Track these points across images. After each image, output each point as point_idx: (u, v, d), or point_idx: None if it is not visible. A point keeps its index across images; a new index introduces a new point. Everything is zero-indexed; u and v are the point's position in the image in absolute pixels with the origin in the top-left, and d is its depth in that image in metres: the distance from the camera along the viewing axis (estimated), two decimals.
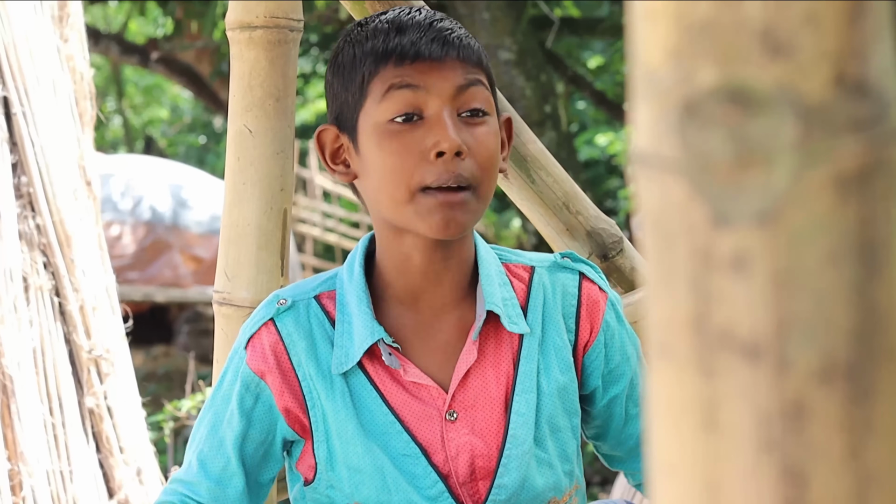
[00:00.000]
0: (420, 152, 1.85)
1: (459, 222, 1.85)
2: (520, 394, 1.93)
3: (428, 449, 1.91)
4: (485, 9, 8.60)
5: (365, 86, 1.89)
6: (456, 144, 1.83)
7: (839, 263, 0.73)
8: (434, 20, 1.92)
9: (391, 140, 1.86)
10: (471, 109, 1.88)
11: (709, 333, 0.74)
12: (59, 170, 4.11)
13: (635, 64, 0.75)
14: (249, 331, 1.95)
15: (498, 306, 1.93)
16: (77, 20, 4.23)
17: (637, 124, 0.75)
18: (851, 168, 0.73)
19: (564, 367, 1.97)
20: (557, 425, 1.96)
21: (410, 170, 1.85)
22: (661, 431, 0.76)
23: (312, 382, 1.92)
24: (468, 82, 1.88)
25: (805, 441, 0.73)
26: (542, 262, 2.02)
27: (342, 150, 1.96)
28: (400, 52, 1.88)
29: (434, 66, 1.87)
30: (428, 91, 1.86)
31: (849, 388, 0.73)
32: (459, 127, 1.86)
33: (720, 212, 0.73)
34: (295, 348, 1.92)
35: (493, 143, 1.89)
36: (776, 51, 0.72)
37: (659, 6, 0.74)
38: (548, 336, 1.97)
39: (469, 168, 1.85)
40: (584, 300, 2.00)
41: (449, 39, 1.89)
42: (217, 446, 1.95)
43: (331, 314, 1.95)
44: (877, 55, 0.74)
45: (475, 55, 1.91)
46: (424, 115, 1.86)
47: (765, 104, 0.72)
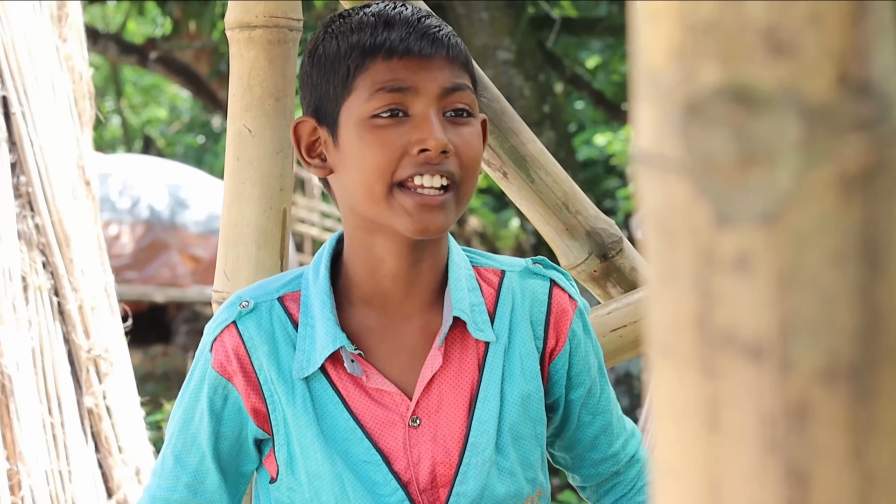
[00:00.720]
0: (402, 146, 1.82)
1: (438, 224, 1.83)
2: (482, 401, 1.91)
3: (389, 456, 1.89)
4: (483, 8, 8.60)
5: (350, 80, 1.87)
6: (442, 143, 1.81)
7: (842, 263, 0.73)
8: (421, 16, 1.90)
9: (374, 134, 1.84)
10: (455, 109, 1.87)
11: (711, 333, 0.73)
12: (57, 169, 4.12)
13: (638, 63, 0.75)
14: (213, 333, 1.93)
15: (465, 312, 1.91)
16: (76, 20, 4.23)
17: (639, 124, 0.75)
18: (855, 168, 0.72)
19: (530, 375, 1.95)
20: (520, 433, 1.94)
21: (392, 164, 1.82)
22: (664, 432, 0.75)
23: (273, 386, 1.89)
24: (455, 85, 1.86)
25: (808, 441, 0.73)
26: (512, 267, 2.00)
27: (318, 143, 1.92)
28: (388, 47, 1.86)
29: (422, 64, 1.85)
30: (416, 91, 1.84)
31: (852, 389, 0.73)
32: (445, 126, 1.85)
33: (723, 212, 0.73)
34: (256, 352, 1.90)
35: (476, 143, 1.87)
36: (779, 50, 0.72)
37: (662, 6, 0.74)
38: (514, 343, 1.95)
39: (453, 166, 1.83)
40: (553, 308, 1.98)
41: (438, 37, 1.87)
42: (190, 442, 1.94)
43: (294, 317, 1.92)
44: (880, 55, 0.74)
45: (462, 55, 1.90)
46: (410, 112, 1.84)
47: (768, 104, 0.72)
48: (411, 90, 1.84)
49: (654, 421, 0.76)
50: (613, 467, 2.06)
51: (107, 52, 15.08)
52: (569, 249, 2.55)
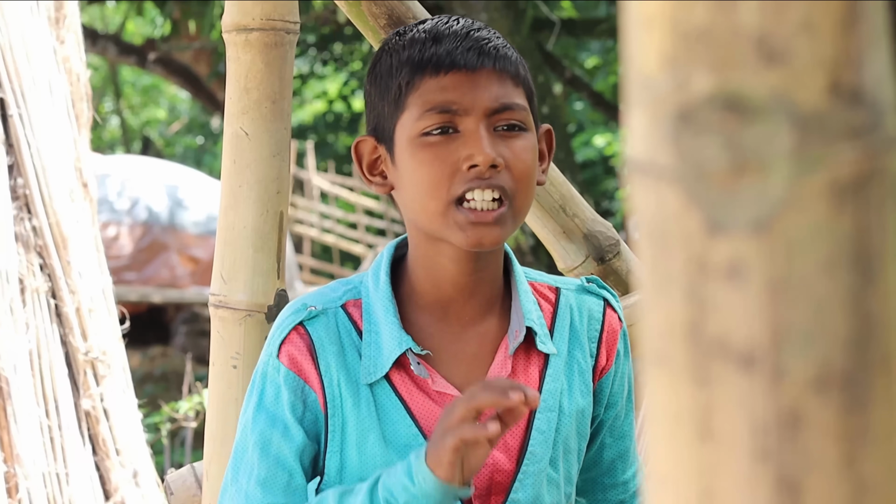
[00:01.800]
0: (454, 163, 1.84)
1: (492, 238, 1.84)
2: (542, 412, 1.93)
3: None
4: (482, 10, 8.60)
5: (402, 98, 1.88)
6: (490, 158, 1.82)
7: (834, 271, 0.73)
8: (471, 29, 1.90)
9: (426, 151, 1.85)
10: (508, 124, 1.87)
11: (704, 342, 0.73)
12: (55, 172, 4.11)
13: (630, 71, 0.75)
14: (280, 336, 1.91)
15: (535, 322, 1.93)
16: (73, 22, 4.23)
17: (632, 132, 0.75)
18: (847, 176, 0.72)
19: (585, 391, 1.97)
20: (569, 447, 1.96)
21: (444, 181, 1.84)
22: (657, 440, 0.75)
23: (339, 390, 1.89)
24: (503, 106, 1.87)
25: (800, 450, 0.73)
26: (567, 285, 2.02)
27: (380, 162, 1.94)
28: (436, 61, 1.86)
29: (470, 78, 1.86)
30: (465, 110, 1.85)
31: (844, 397, 0.73)
32: (495, 140, 1.85)
33: (715, 219, 0.73)
34: (325, 353, 1.89)
35: (529, 157, 1.87)
36: (771, 58, 0.72)
37: (654, 13, 0.73)
38: (573, 357, 1.97)
39: (505, 180, 1.84)
40: (606, 327, 2.00)
41: (485, 49, 1.87)
42: (275, 464, 1.90)
43: (357, 324, 1.92)
44: (872, 63, 0.74)
45: (512, 66, 1.90)
46: (460, 128, 1.85)
47: (760, 112, 0.72)
48: (460, 109, 1.85)
49: (648, 429, 0.76)
50: (621, 496, 2.05)
51: (106, 53, 15.08)
52: (566, 252, 2.55)
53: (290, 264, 13.00)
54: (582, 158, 15.56)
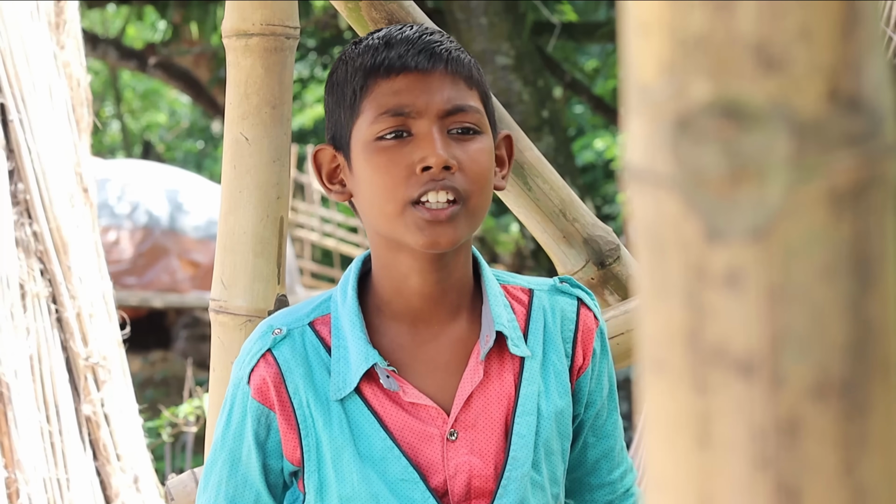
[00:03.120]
0: (407, 166, 1.84)
1: (448, 237, 1.84)
2: (521, 416, 1.93)
3: (427, 471, 1.90)
4: (482, 14, 8.60)
5: (356, 103, 1.89)
6: (443, 159, 1.82)
7: (833, 278, 0.73)
8: (423, 34, 1.91)
9: (380, 156, 1.86)
10: (462, 127, 1.87)
11: (702, 348, 0.73)
12: (55, 176, 4.11)
13: (628, 78, 0.75)
14: (248, 364, 1.92)
15: (506, 327, 1.93)
16: (74, 26, 4.23)
17: (630, 139, 0.75)
18: (845, 183, 0.72)
19: (563, 391, 1.97)
20: (551, 448, 1.96)
21: (399, 184, 1.84)
22: (656, 446, 0.75)
23: (309, 410, 1.90)
24: (456, 107, 1.87)
25: (799, 457, 0.73)
26: (540, 286, 2.02)
27: (339, 170, 1.95)
28: (387, 65, 1.87)
29: (422, 80, 1.87)
30: (418, 112, 1.85)
31: (843, 404, 0.73)
32: (448, 143, 1.86)
33: (713, 227, 0.73)
34: (292, 376, 1.90)
35: (484, 159, 1.88)
36: (769, 65, 0.72)
37: (652, 20, 0.73)
38: (548, 359, 1.97)
39: (459, 182, 1.84)
40: (580, 326, 2.00)
41: (437, 52, 1.88)
42: (242, 484, 1.93)
43: (326, 341, 1.93)
44: (870, 70, 0.74)
45: (465, 68, 1.90)
46: (413, 131, 1.86)
47: (758, 119, 0.72)
48: (413, 111, 1.86)
49: (646, 435, 0.76)
50: (609, 496, 2.06)
51: (106, 57, 15.09)
52: (566, 257, 2.55)
53: (291, 268, 13.00)
54: (582, 162, 15.56)
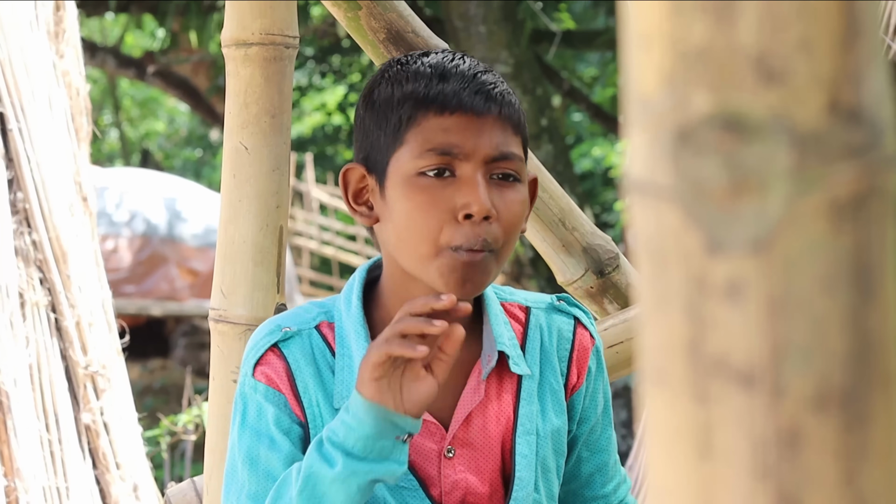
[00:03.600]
0: (448, 210, 1.81)
1: (477, 284, 1.83)
2: (521, 435, 1.92)
3: (426, 481, 1.90)
4: (481, 22, 8.61)
5: (401, 132, 1.85)
6: (486, 209, 1.80)
7: (833, 290, 0.73)
8: (478, 71, 1.88)
9: (420, 193, 1.82)
10: (503, 173, 1.85)
11: (703, 360, 0.73)
12: (55, 186, 4.12)
13: (629, 90, 0.75)
14: (254, 357, 1.91)
15: (507, 346, 1.92)
16: (73, 36, 4.23)
17: (631, 151, 0.75)
18: (845, 195, 0.73)
19: (559, 410, 1.97)
20: (548, 466, 1.96)
21: (437, 227, 1.81)
22: (657, 458, 0.76)
23: (318, 409, 1.88)
24: (503, 155, 1.84)
25: (800, 468, 0.73)
26: (537, 303, 2.01)
27: (366, 191, 1.91)
28: (442, 100, 1.84)
29: (474, 123, 1.84)
30: (465, 154, 1.82)
31: (843, 415, 0.73)
32: (490, 189, 1.83)
33: (714, 238, 0.73)
34: (301, 374, 1.88)
35: (520, 209, 1.86)
36: (770, 78, 0.72)
37: (653, 32, 0.74)
38: (545, 378, 1.96)
39: (494, 232, 1.82)
40: (576, 345, 1.99)
41: (492, 95, 1.85)
42: (264, 478, 1.89)
43: (331, 345, 1.91)
44: (870, 82, 0.74)
45: (515, 114, 1.88)
46: (457, 173, 1.83)
47: (759, 131, 0.72)
48: (461, 153, 1.82)
49: (648, 446, 0.76)
50: None
51: (105, 66, 15.09)
52: (565, 266, 2.55)
53: (290, 276, 13.00)
54: (580, 170, 15.57)
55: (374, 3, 2.39)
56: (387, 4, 2.39)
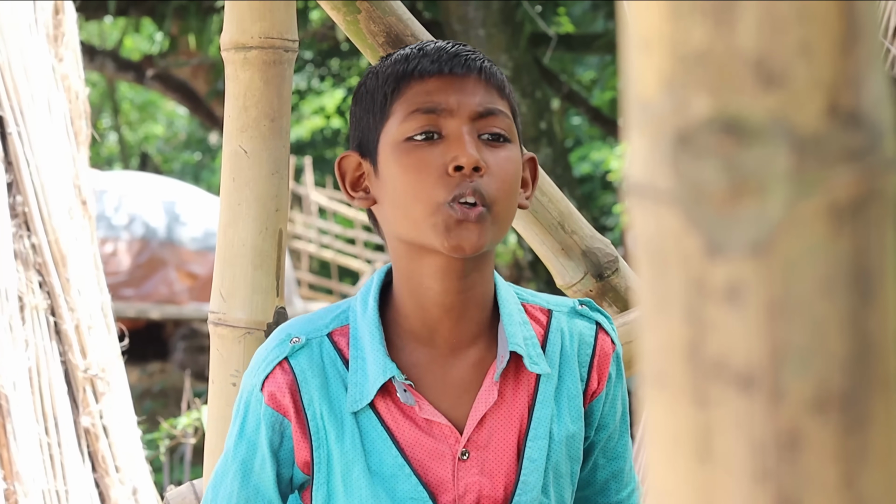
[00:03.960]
0: (438, 167, 1.82)
1: (474, 240, 1.81)
2: (533, 440, 1.92)
3: (436, 490, 1.89)
4: (480, 25, 8.61)
5: (387, 106, 1.88)
6: (474, 159, 1.81)
7: (833, 293, 0.73)
8: (458, 45, 1.93)
9: (410, 156, 1.84)
10: (492, 133, 1.86)
11: (703, 363, 0.74)
12: (54, 189, 4.12)
13: (629, 94, 0.76)
14: (263, 372, 1.90)
15: (521, 346, 1.91)
16: (72, 39, 4.24)
17: (631, 154, 0.75)
18: (845, 197, 0.73)
19: (575, 416, 1.96)
20: (560, 472, 1.94)
21: (429, 185, 1.82)
22: (656, 461, 0.76)
23: (322, 422, 1.88)
24: (488, 110, 1.86)
25: (799, 470, 0.73)
26: (559, 307, 2.00)
27: (363, 178, 1.93)
28: (420, 68, 1.88)
29: (455, 83, 1.87)
30: (449, 111, 1.85)
31: (843, 418, 0.73)
32: (479, 146, 1.84)
33: (714, 241, 0.73)
34: (307, 387, 1.88)
35: (513, 167, 1.86)
36: (770, 81, 0.72)
37: (653, 36, 0.74)
38: (564, 382, 1.95)
39: (487, 186, 1.82)
40: (598, 351, 1.98)
41: (471, 59, 1.89)
42: (254, 494, 1.90)
43: (344, 353, 1.90)
44: (870, 85, 0.74)
45: (497, 80, 1.90)
46: (444, 133, 1.85)
47: (758, 134, 0.72)
48: (445, 111, 1.85)
49: (648, 449, 0.76)
50: None
51: (104, 69, 15.10)
52: (564, 269, 2.55)
53: (289, 280, 13.00)
54: (579, 173, 15.57)
55: (373, 7, 2.39)
56: (386, 8, 2.39)
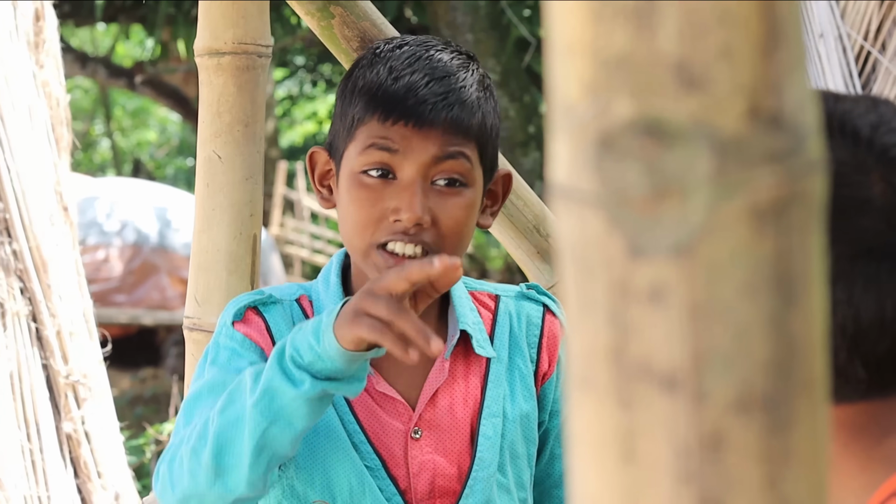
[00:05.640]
0: (382, 210, 1.85)
1: None
2: (487, 418, 1.95)
3: (388, 462, 1.92)
4: (468, 30, 8.62)
5: (353, 128, 1.89)
6: (416, 217, 1.83)
7: (756, 295, 0.73)
8: (433, 79, 1.88)
9: (360, 191, 1.87)
10: (447, 178, 1.87)
11: (627, 365, 0.74)
12: (35, 195, 4.12)
13: (553, 98, 0.76)
14: (233, 310, 1.94)
15: (470, 327, 1.95)
16: (53, 46, 4.24)
17: (555, 157, 0.76)
18: (767, 200, 0.73)
19: (528, 395, 1.99)
20: (517, 452, 1.97)
21: (371, 226, 1.85)
22: (581, 463, 0.76)
23: None
24: (447, 154, 1.86)
25: (723, 472, 0.73)
26: (506, 292, 2.04)
27: (330, 175, 1.97)
28: (384, 109, 1.86)
29: (414, 132, 1.85)
30: (405, 155, 1.85)
31: (766, 419, 0.74)
32: (428, 194, 1.85)
33: (637, 244, 0.73)
34: (281, 336, 1.91)
35: (462, 215, 1.87)
36: (691, 84, 0.73)
37: (575, 41, 0.74)
38: (514, 363, 1.99)
39: (429, 237, 1.84)
40: (546, 332, 2.02)
41: (438, 107, 1.85)
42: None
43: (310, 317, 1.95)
44: (792, 88, 0.74)
45: (463, 123, 1.87)
46: (397, 175, 1.85)
47: (680, 137, 0.73)
48: (400, 152, 1.85)
49: (573, 452, 0.77)
50: None
51: (95, 76, 15.11)
52: (540, 273, 2.55)
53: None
54: None
55: (347, 12, 2.39)
56: (360, 13, 2.39)
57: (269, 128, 16.58)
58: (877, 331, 1.22)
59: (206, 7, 2.40)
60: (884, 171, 1.22)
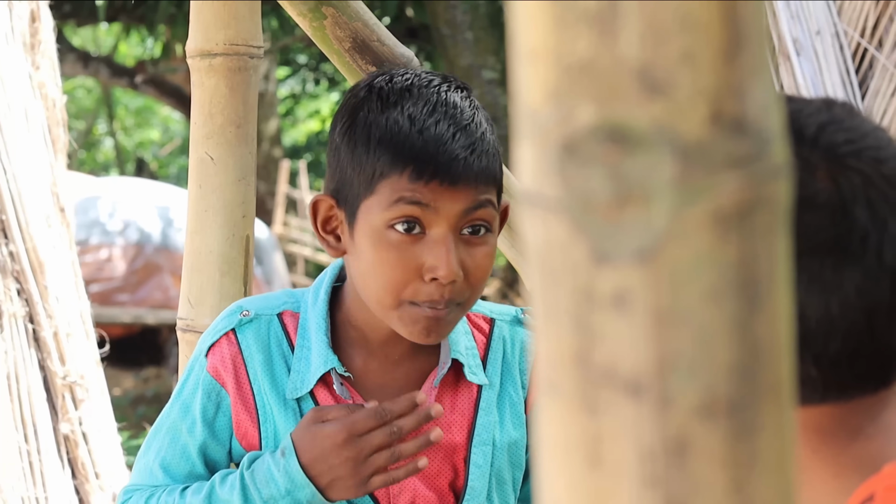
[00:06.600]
0: (415, 269, 1.81)
1: (441, 333, 1.84)
2: (477, 446, 1.94)
3: None
4: (468, 29, 8.62)
5: (374, 181, 1.82)
6: (453, 274, 1.79)
7: (720, 300, 0.73)
8: (458, 129, 1.82)
9: (389, 249, 1.81)
10: (474, 226, 1.83)
11: (592, 370, 0.74)
12: (31, 197, 4.12)
13: (517, 103, 0.76)
14: (210, 339, 1.95)
15: (462, 355, 1.93)
16: (49, 47, 4.24)
17: (520, 163, 0.76)
18: (730, 205, 0.73)
19: (518, 422, 1.97)
20: (503, 478, 1.97)
21: (402, 284, 1.81)
22: (548, 468, 0.76)
23: (266, 398, 1.92)
24: (477, 204, 1.82)
25: (688, 476, 0.73)
26: (502, 315, 2.02)
27: (334, 220, 1.90)
28: (416, 167, 1.79)
29: (446, 188, 1.80)
30: (436, 210, 1.80)
31: (731, 424, 0.74)
32: (459, 247, 1.81)
33: (600, 249, 0.73)
34: (252, 361, 1.92)
35: (488, 263, 1.84)
36: (653, 89, 0.73)
37: (538, 47, 0.74)
38: (505, 390, 1.97)
39: (460, 290, 1.82)
40: None
41: (468, 161, 1.80)
42: (180, 454, 1.94)
43: (290, 337, 1.93)
44: (756, 92, 0.74)
45: (490, 172, 1.84)
46: (427, 231, 1.81)
47: (643, 142, 0.73)
48: (431, 207, 1.80)
49: (539, 457, 0.77)
50: None
51: (98, 75, 15.11)
52: None
53: (284, 284, 13.00)
54: None
55: (339, 13, 2.39)
56: (351, 13, 2.39)
57: (272, 126, 16.58)
58: (825, 330, 1.21)
59: (198, 8, 2.40)
60: (829, 168, 1.22)
